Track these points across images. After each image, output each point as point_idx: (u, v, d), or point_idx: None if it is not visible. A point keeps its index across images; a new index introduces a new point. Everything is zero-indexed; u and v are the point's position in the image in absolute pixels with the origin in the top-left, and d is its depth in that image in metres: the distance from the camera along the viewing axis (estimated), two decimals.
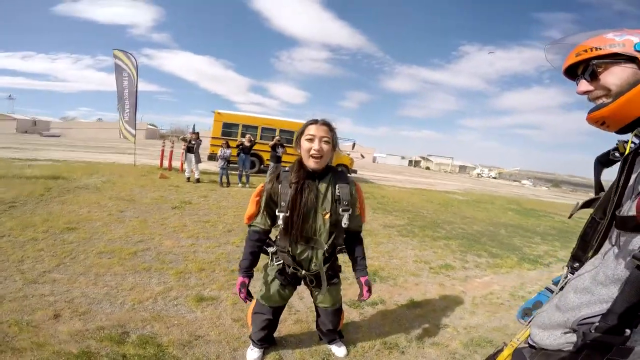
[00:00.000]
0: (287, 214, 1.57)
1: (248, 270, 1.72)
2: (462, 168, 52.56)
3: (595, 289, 0.78)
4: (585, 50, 0.82)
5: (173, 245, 3.80)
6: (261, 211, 1.70)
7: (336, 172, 1.70)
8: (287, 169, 1.67)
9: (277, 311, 1.94)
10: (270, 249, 1.78)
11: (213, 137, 12.32)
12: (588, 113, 0.85)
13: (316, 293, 1.88)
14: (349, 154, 14.53)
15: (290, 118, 13.56)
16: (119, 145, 17.73)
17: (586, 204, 1.01)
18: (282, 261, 1.76)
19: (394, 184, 16.06)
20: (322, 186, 1.63)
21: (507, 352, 1.03)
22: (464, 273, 4.06)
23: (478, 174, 44.86)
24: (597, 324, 0.73)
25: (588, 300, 0.78)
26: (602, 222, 0.87)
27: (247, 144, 9.33)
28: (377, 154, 56.84)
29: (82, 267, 2.92)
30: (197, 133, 9.39)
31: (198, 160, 9.14)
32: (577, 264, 0.98)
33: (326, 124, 1.60)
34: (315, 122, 1.59)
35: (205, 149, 11.14)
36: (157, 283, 2.80)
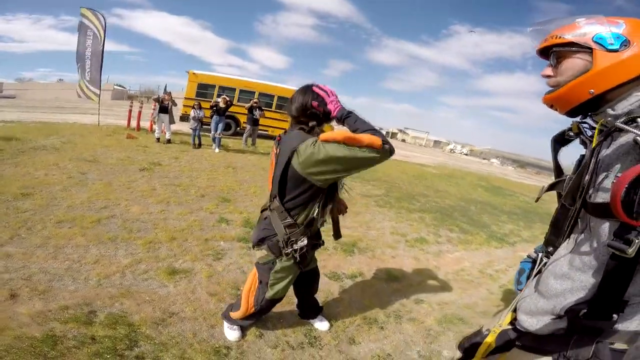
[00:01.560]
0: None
1: None
2: (437, 143, 53.78)
3: (574, 275, 0.82)
4: (553, 37, 0.87)
5: (141, 211, 3.57)
6: None
7: None
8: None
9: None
10: (300, 243, 1.55)
11: (187, 98, 11.62)
12: (545, 95, 0.94)
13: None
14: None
15: (270, 82, 12.94)
16: (81, 106, 16.19)
17: (551, 187, 1.06)
18: (305, 243, 1.56)
19: None
20: None
21: (490, 338, 1.08)
22: (438, 247, 4.19)
23: (451, 150, 46.18)
24: (585, 310, 0.78)
25: (570, 286, 0.82)
26: (572, 208, 0.90)
27: (222, 105, 8.73)
28: None
29: (39, 238, 2.65)
30: (170, 93, 8.77)
31: (171, 121, 8.62)
32: (551, 249, 1.02)
33: None
34: None
35: (177, 110, 10.49)
36: (125, 255, 2.62)
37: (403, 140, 51.00)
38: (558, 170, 1.06)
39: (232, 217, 3.82)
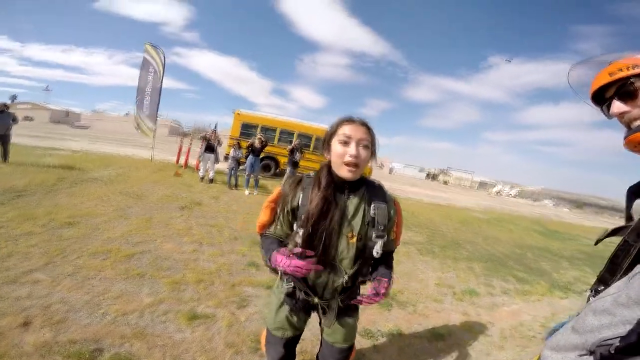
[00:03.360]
0: (307, 232, 1.25)
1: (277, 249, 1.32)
2: (482, 184, 50.96)
3: (616, 310, 0.75)
4: (621, 69, 0.79)
5: (173, 249, 3.53)
6: (277, 219, 1.38)
7: (372, 186, 1.36)
8: (311, 174, 1.36)
9: (289, 343, 1.56)
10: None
11: (231, 137, 12.23)
12: (630, 134, 0.81)
13: (325, 324, 1.54)
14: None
15: (309, 122, 13.31)
16: (141, 140, 17.95)
17: (614, 232, 0.94)
18: (292, 283, 1.41)
19: (410, 197, 15.52)
20: (353, 202, 1.30)
21: None
22: (491, 300, 3.66)
23: (497, 192, 43.32)
24: (618, 344, 0.71)
25: (609, 321, 0.75)
26: (636, 244, 0.81)
27: (257, 145, 8.59)
28: (395, 164, 55.70)
29: (71, 267, 2.67)
30: (215, 131, 9.00)
31: (216, 160, 8.86)
32: (603, 287, 0.92)
33: (365, 124, 1.27)
34: (351, 120, 1.26)
35: (222, 149, 11.01)
36: (148, 293, 2.52)
37: (445, 183, 49.02)
38: (628, 220, 0.96)
39: (262, 262, 3.66)
